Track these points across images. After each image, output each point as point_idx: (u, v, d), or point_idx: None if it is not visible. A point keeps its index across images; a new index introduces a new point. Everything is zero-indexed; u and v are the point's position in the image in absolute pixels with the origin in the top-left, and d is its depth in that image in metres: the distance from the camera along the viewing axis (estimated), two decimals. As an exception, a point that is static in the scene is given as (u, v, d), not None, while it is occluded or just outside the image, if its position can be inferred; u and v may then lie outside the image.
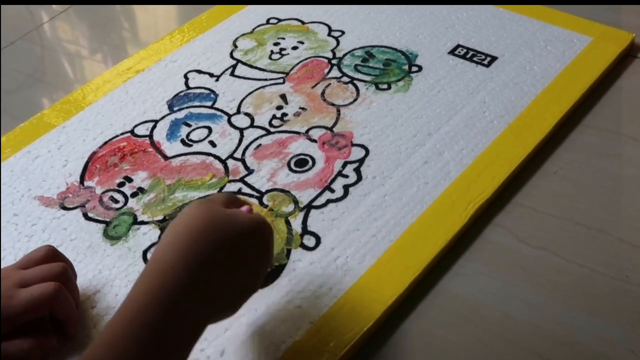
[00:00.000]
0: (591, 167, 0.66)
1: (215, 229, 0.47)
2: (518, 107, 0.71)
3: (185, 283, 0.44)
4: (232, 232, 0.47)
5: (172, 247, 0.46)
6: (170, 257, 0.45)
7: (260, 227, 0.49)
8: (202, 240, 0.46)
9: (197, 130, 0.72)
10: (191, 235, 0.46)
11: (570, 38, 0.79)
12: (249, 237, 0.48)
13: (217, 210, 0.48)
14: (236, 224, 0.48)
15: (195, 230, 0.46)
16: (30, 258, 0.55)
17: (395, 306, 0.56)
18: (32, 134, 0.73)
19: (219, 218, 0.48)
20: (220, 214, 0.48)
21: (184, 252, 0.45)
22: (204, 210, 0.48)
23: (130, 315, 0.43)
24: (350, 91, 0.75)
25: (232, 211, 0.49)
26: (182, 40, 0.84)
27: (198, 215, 0.47)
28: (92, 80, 0.79)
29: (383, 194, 0.64)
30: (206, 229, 0.47)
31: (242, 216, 0.49)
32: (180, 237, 0.46)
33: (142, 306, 0.43)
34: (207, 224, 0.47)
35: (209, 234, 0.46)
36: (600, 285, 0.57)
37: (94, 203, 0.65)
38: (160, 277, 0.45)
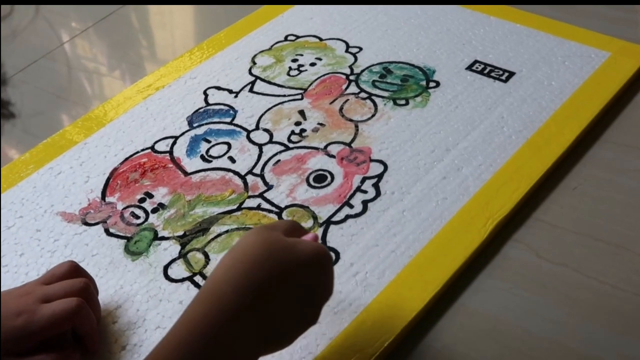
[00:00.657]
0: (611, 183, 0.66)
1: (273, 256, 0.46)
2: (536, 122, 0.72)
3: (239, 309, 0.44)
4: (290, 261, 0.47)
5: (228, 272, 0.46)
6: (225, 282, 0.45)
7: (321, 256, 0.48)
8: (259, 267, 0.45)
9: (217, 146, 0.72)
10: (247, 261, 0.46)
11: (588, 53, 0.79)
12: (308, 266, 0.47)
13: (277, 238, 0.48)
14: (295, 252, 0.47)
15: (251, 256, 0.46)
16: (53, 273, 0.56)
17: (415, 322, 0.56)
18: (55, 150, 0.74)
19: (278, 245, 0.47)
20: (280, 242, 0.47)
21: (240, 277, 0.45)
22: (263, 237, 0.47)
23: (180, 338, 0.43)
24: (368, 107, 0.76)
25: (293, 240, 0.48)
26: (202, 58, 0.85)
27: (257, 242, 0.47)
28: (113, 97, 0.80)
29: (402, 209, 0.64)
30: (264, 256, 0.46)
31: (303, 245, 0.48)
32: (236, 263, 0.46)
33: (193, 329, 0.43)
34: (265, 250, 0.46)
35: (266, 261, 0.46)
36: (621, 301, 0.56)
37: (115, 219, 0.65)
38: (214, 302, 0.44)
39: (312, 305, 0.49)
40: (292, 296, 0.47)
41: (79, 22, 0.99)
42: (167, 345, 0.44)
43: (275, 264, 0.46)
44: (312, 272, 0.48)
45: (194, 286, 0.59)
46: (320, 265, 0.49)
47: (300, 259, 0.47)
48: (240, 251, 0.47)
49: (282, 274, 0.46)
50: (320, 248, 0.49)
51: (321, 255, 0.48)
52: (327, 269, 0.49)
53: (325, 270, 0.49)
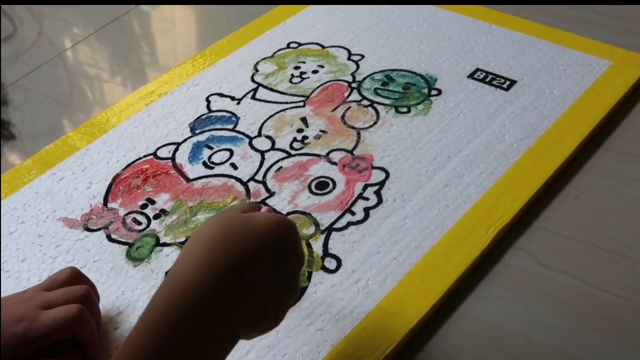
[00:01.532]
0: (612, 191, 0.66)
1: (230, 230, 0.45)
2: (538, 130, 0.72)
3: (204, 287, 0.43)
4: (251, 233, 0.46)
5: (189, 256, 0.45)
6: (186, 266, 0.44)
7: (279, 223, 0.47)
8: (219, 243, 0.45)
9: (219, 152, 0.73)
10: (206, 240, 0.45)
11: (590, 62, 0.79)
12: (267, 234, 0.46)
13: (233, 216, 0.47)
14: (251, 223, 0.46)
15: (209, 235, 0.45)
16: (54, 280, 0.56)
17: (416, 329, 0.56)
18: (57, 156, 0.74)
19: (234, 221, 0.46)
20: (237, 218, 0.47)
21: (200, 256, 0.44)
22: (220, 217, 0.47)
23: (148, 323, 0.42)
24: (370, 114, 0.76)
25: (250, 214, 0.48)
26: (204, 64, 0.85)
27: (214, 222, 0.46)
28: (116, 104, 0.80)
29: (404, 216, 0.64)
30: (221, 232, 0.45)
31: (260, 216, 0.47)
32: (197, 246, 0.45)
33: (161, 313, 0.42)
34: (224, 229, 0.46)
35: (225, 239, 0.45)
36: (622, 310, 0.56)
37: (117, 225, 0.66)
38: (177, 284, 0.43)
39: (286, 273, 0.47)
40: (258, 267, 0.45)
41: (82, 28, 0.99)
42: (136, 333, 0.43)
43: (234, 240, 0.45)
44: (275, 240, 0.46)
45: (196, 292, 0.59)
46: (280, 231, 0.47)
47: (259, 229, 0.46)
48: (199, 234, 0.46)
49: (243, 248, 0.45)
50: (278, 216, 0.48)
51: (279, 222, 0.47)
52: (289, 234, 0.48)
53: (288, 236, 0.48)
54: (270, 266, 0.46)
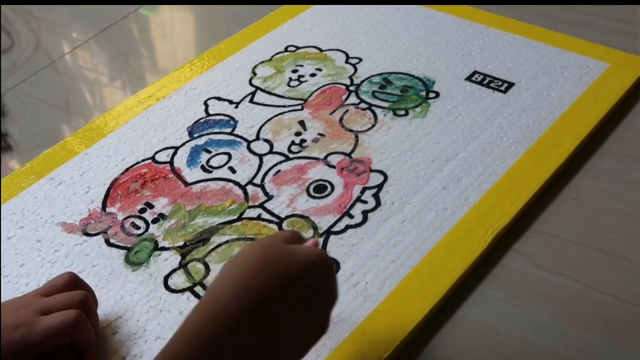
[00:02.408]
0: (610, 193, 0.66)
1: (271, 262, 0.46)
2: (536, 133, 0.72)
3: (238, 316, 0.43)
4: (290, 267, 0.46)
5: (226, 280, 0.45)
6: (225, 290, 0.45)
7: (320, 261, 0.48)
8: (257, 274, 0.45)
9: (217, 156, 0.73)
10: (246, 268, 0.45)
11: (587, 64, 0.80)
12: (308, 271, 0.46)
13: (276, 245, 0.47)
14: (294, 257, 0.47)
15: (250, 264, 0.45)
16: (52, 285, 0.55)
17: (415, 333, 0.56)
18: (55, 161, 0.74)
19: (276, 252, 0.47)
20: (279, 249, 0.47)
21: (238, 284, 0.44)
22: (262, 245, 0.47)
23: (180, 346, 0.43)
24: (368, 117, 0.76)
25: (292, 246, 0.48)
26: (202, 68, 0.85)
27: (256, 250, 0.47)
28: (114, 108, 0.80)
29: (402, 219, 0.64)
30: (262, 263, 0.45)
31: (302, 250, 0.48)
32: (235, 271, 0.46)
33: (193, 337, 0.43)
34: (264, 257, 0.46)
35: (264, 267, 0.45)
36: (621, 312, 0.56)
37: (115, 229, 0.66)
38: (212, 309, 0.44)
39: (317, 311, 0.47)
40: (293, 302, 0.46)
41: (80, 33, 0.99)
42: (167, 354, 0.43)
43: (273, 270, 0.45)
44: (312, 277, 0.47)
45: (194, 297, 0.59)
46: (320, 270, 0.48)
47: (298, 263, 0.46)
48: (239, 260, 0.47)
49: (281, 279, 0.45)
50: (319, 253, 0.48)
51: (320, 259, 0.48)
52: (328, 273, 0.48)
53: (325, 275, 0.48)
54: (305, 302, 0.46)
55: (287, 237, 0.50)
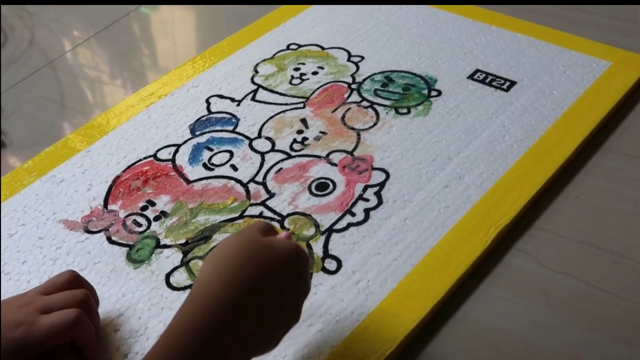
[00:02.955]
0: (612, 192, 0.66)
1: (256, 254, 0.48)
2: (538, 131, 0.72)
3: (229, 306, 0.45)
4: (272, 259, 0.48)
5: (215, 273, 0.47)
6: (214, 282, 0.46)
7: (297, 253, 0.50)
8: (245, 265, 0.47)
9: (219, 154, 0.73)
10: (233, 259, 0.47)
11: (589, 63, 0.80)
12: (286, 262, 0.49)
13: (257, 238, 0.49)
14: (274, 249, 0.49)
15: (236, 255, 0.47)
16: (53, 283, 0.55)
17: (417, 331, 0.56)
18: (57, 158, 0.74)
19: (259, 244, 0.48)
20: (260, 241, 0.49)
21: (228, 275, 0.46)
22: (244, 237, 0.49)
23: (173, 338, 0.44)
24: (370, 115, 0.76)
25: (270, 238, 0.50)
26: (204, 66, 0.85)
27: (239, 242, 0.48)
28: (116, 106, 0.80)
29: (404, 217, 0.64)
30: (248, 254, 0.47)
31: (279, 243, 0.49)
32: (222, 263, 0.47)
33: (185, 329, 0.44)
34: (249, 250, 0.48)
35: (251, 260, 0.47)
36: (622, 310, 0.56)
37: (117, 227, 0.66)
38: (203, 300, 0.45)
39: (292, 302, 0.50)
40: (274, 293, 0.48)
41: (82, 31, 0.99)
42: (160, 347, 0.44)
43: (258, 261, 0.47)
44: (290, 269, 0.49)
45: (196, 294, 0.59)
46: (297, 262, 0.50)
47: (278, 256, 0.48)
48: (224, 252, 0.48)
49: (265, 270, 0.47)
50: (295, 246, 0.50)
51: (298, 253, 0.50)
52: (304, 266, 0.50)
53: (302, 266, 0.50)
54: (284, 292, 0.48)
55: (262, 228, 0.51)
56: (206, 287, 0.46)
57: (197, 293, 0.46)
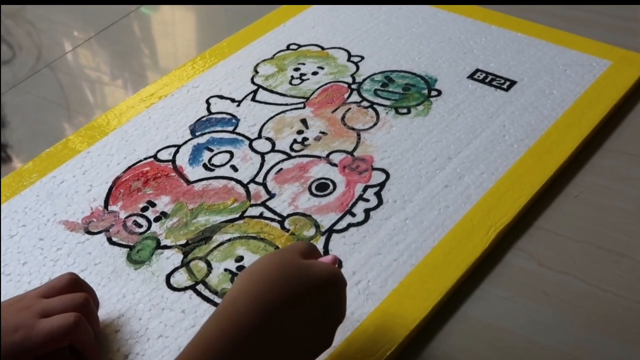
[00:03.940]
0: (613, 191, 0.66)
1: (287, 277, 0.47)
2: (538, 130, 0.72)
3: (254, 329, 0.45)
4: (305, 283, 0.47)
5: (243, 292, 0.47)
6: (240, 301, 0.46)
7: (335, 280, 0.49)
8: (274, 288, 0.46)
9: (219, 154, 0.73)
10: (263, 281, 0.47)
11: (590, 62, 0.79)
12: (322, 289, 0.48)
13: (292, 259, 0.49)
14: (309, 274, 0.48)
15: (267, 277, 0.47)
16: (52, 286, 0.55)
17: (417, 330, 0.56)
18: (58, 159, 0.74)
19: (293, 267, 0.48)
20: (295, 263, 0.48)
21: (255, 297, 0.46)
22: (279, 258, 0.49)
23: (196, 355, 0.44)
24: (370, 115, 0.76)
25: (309, 262, 0.49)
26: (204, 67, 0.85)
27: (273, 263, 0.48)
28: (116, 106, 0.80)
29: (404, 217, 0.64)
30: (278, 277, 0.47)
31: (318, 267, 0.49)
32: (251, 283, 0.47)
33: (209, 346, 0.44)
34: (280, 272, 0.47)
35: (280, 281, 0.47)
36: (623, 309, 0.56)
37: (117, 227, 0.66)
38: (229, 320, 0.45)
39: (325, 327, 0.49)
40: (305, 317, 0.47)
41: (82, 31, 1.00)
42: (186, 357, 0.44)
43: (289, 285, 0.47)
44: (325, 295, 0.48)
45: (197, 295, 0.59)
46: (333, 288, 0.49)
47: (314, 281, 0.48)
48: (256, 271, 0.48)
49: (296, 295, 0.47)
50: (334, 271, 0.50)
51: (335, 278, 0.49)
52: (340, 292, 0.50)
53: (338, 293, 0.50)
54: (315, 317, 0.48)
55: (303, 250, 0.51)
56: (232, 306, 0.46)
57: (223, 310, 0.46)
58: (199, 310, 0.58)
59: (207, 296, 0.59)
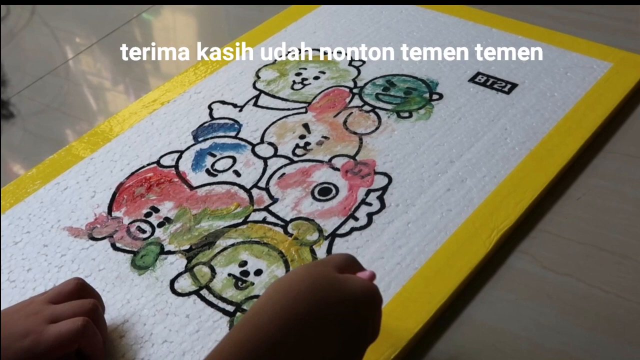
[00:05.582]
0: (615, 193, 0.66)
1: (317, 291, 0.46)
2: (539, 133, 0.72)
3: (277, 341, 0.44)
4: (336, 298, 0.46)
5: (269, 303, 0.46)
6: (266, 312, 0.45)
7: (369, 296, 0.48)
8: (301, 301, 0.45)
9: (222, 160, 0.73)
10: (290, 294, 0.46)
11: (590, 64, 0.80)
12: (354, 305, 0.47)
13: (325, 273, 0.47)
14: (343, 289, 0.47)
15: (295, 289, 0.46)
16: (59, 292, 0.55)
17: (421, 334, 0.56)
18: (61, 165, 0.74)
19: (325, 281, 0.47)
20: (328, 277, 0.47)
21: (281, 310, 0.45)
22: (311, 271, 0.47)
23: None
24: (372, 120, 0.76)
25: (344, 276, 0.48)
26: (206, 72, 0.85)
27: (304, 275, 0.47)
28: (119, 112, 0.81)
29: (406, 221, 0.64)
30: (307, 290, 0.46)
31: (351, 282, 0.47)
32: (279, 294, 0.46)
33: (232, 355, 0.44)
34: (310, 285, 0.46)
35: (308, 295, 0.46)
36: (626, 311, 0.56)
37: (121, 233, 0.66)
38: (253, 331, 0.45)
39: (354, 347, 0.47)
40: (333, 335, 0.46)
41: (84, 38, 1.00)
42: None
43: (318, 299, 0.46)
44: (357, 312, 0.47)
45: (201, 300, 0.59)
46: (367, 306, 0.48)
47: (346, 297, 0.46)
48: (285, 283, 0.47)
49: (325, 309, 0.46)
50: (370, 287, 0.48)
51: (370, 295, 0.48)
52: (375, 310, 0.49)
53: (372, 311, 0.48)
54: (344, 335, 0.46)
55: (341, 263, 0.49)
56: (259, 318, 0.45)
57: (250, 321, 0.45)
58: (203, 315, 0.58)
59: (211, 301, 0.59)
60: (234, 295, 0.59)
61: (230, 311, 0.58)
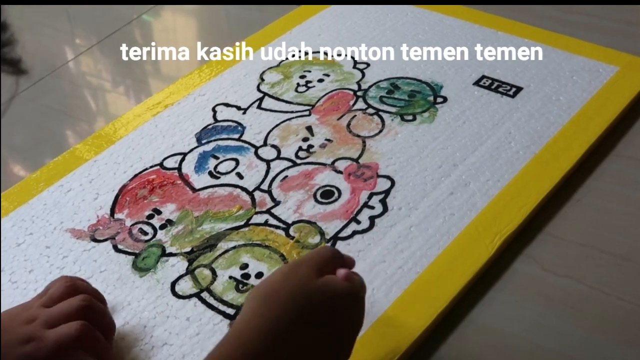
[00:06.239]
0: (619, 195, 0.66)
1: (298, 300, 0.47)
2: (544, 137, 0.71)
3: (263, 355, 0.45)
4: (317, 305, 0.47)
5: (254, 317, 0.47)
6: (250, 328, 0.46)
7: (351, 296, 0.49)
8: (284, 314, 0.46)
9: (225, 162, 0.73)
10: (273, 308, 0.47)
11: (596, 68, 0.79)
12: (336, 308, 0.48)
13: (304, 281, 0.48)
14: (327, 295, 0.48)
15: (277, 302, 0.47)
16: (50, 296, 0.55)
17: (423, 338, 0.56)
18: (65, 168, 0.74)
19: (305, 290, 0.47)
20: (306, 285, 0.48)
21: (265, 324, 0.46)
22: (291, 280, 0.48)
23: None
24: (376, 122, 0.76)
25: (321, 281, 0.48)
26: (210, 75, 0.85)
27: (284, 286, 0.48)
28: (123, 115, 0.81)
29: (409, 225, 0.64)
30: (290, 302, 0.47)
31: (330, 287, 0.48)
32: (262, 308, 0.47)
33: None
34: (295, 296, 0.47)
35: (291, 306, 0.46)
36: (627, 313, 0.56)
37: (123, 235, 0.66)
38: (239, 346, 0.45)
39: (343, 341, 0.49)
40: (319, 338, 0.47)
41: (84, 39, 1.00)
42: None
43: (301, 310, 0.47)
44: (339, 313, 0.48)
45: (201, 302, 0.59)
46: (349, 304, 0.49)
47: (327, 302, 0.47)
48: (267, 293, 0.47)
49: (309, 317, 0.47)
50: (346, 288, 0.49)
51: (347, 294, 0.49)
52: (356, 304, 0.50)
53: (354, 307, 0.49)
54: (332, 338, 0.48)
55: (321, 263, 0.50)
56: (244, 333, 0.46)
57: (236, 336, 0.46)
58: (203, 318, 0.58)
59: (212, 304, 0.59)
60: (235, 298, 0.59)
61: (230, 314, 0.58)
